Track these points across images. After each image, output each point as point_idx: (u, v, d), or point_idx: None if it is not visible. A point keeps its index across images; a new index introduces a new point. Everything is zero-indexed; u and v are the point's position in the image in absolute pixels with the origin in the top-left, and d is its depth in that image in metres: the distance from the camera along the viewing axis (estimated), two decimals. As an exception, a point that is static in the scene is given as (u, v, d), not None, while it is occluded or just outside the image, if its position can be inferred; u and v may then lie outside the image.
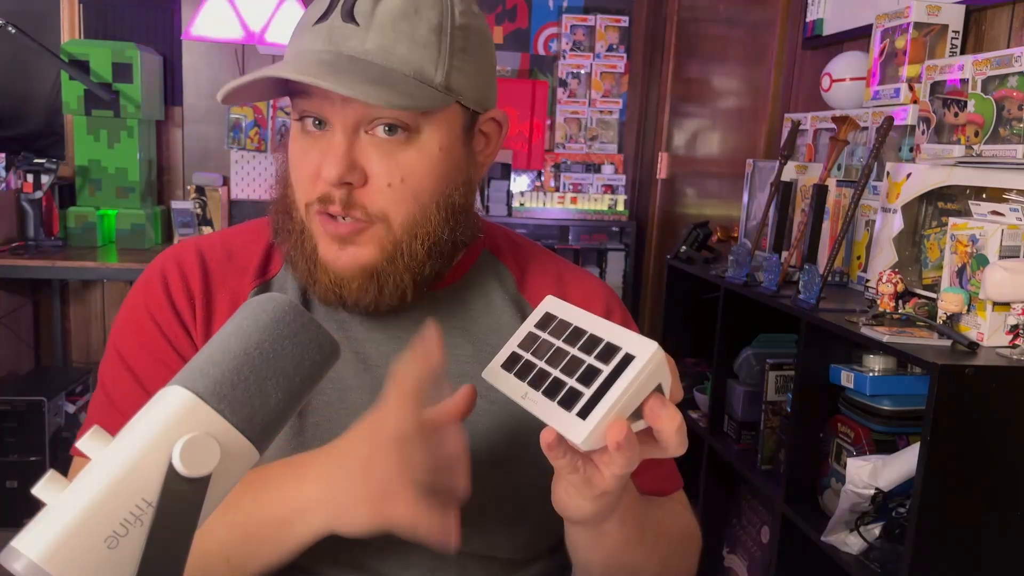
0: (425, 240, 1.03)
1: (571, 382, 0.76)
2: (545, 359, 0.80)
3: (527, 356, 0.83)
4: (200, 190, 4.06)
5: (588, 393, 0.74)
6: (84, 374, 3.96)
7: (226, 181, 4.21)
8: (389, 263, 1.02)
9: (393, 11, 0.97)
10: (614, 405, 0.72)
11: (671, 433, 0.75)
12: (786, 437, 2.10)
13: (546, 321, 0.85)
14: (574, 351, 0.78)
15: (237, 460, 0.63)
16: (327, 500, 0.87)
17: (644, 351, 0.73)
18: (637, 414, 0.75)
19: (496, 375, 0.85)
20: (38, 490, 0.59)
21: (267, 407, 0.63)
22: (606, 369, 0.74)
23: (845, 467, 1.73)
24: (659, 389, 0.75)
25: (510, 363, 0.84)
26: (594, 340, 0.77)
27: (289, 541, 0.90)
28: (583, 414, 0.73)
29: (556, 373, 0.78)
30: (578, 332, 0.80)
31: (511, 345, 0.86)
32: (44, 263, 3.35)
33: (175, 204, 4.00)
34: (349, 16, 0.97)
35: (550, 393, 0.77)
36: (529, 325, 0.86)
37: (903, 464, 1.65)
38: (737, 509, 2.65)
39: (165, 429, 0.60)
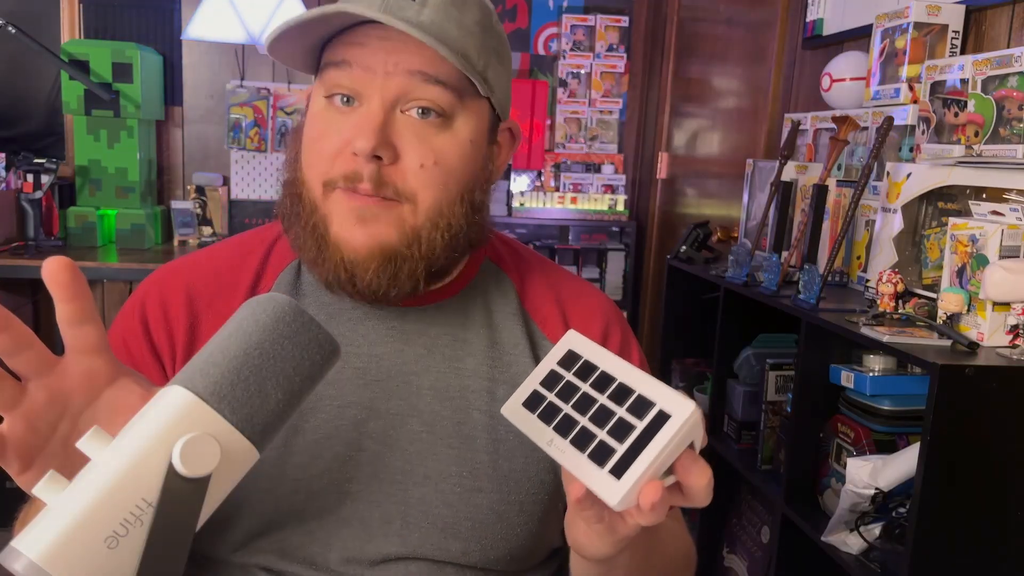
0: (445, 231, 1.02)
1: (601, 435, 0.74)
2: (571, 404, 0.78)
3: (550, 397, 0.80)
4: (200, 190, 4.06)
5: (621, 450, 0.72)
6: (84, 374, 3.95)
7: (226, 181, 4.21)
8: (407, 247, 1.00)
9: None
10: (650, 466, 0.70)
11: (701, 488, 0.74)
12: (786, 437, 2.10)
13: (569, 360, 0.81)
14: (603, 399, 0.76)
15: (237, 460, 0.63)
16: None
17: (682, 411, 0.71)
18: (668, 470, 0.73)
19: (517, 414, 0.82)
20: (38, 490, 0.59)
21: (267, 407, 0.63)
22: (640, 425, 0.72)
23: (845, 467, 1.73)
24: (690, 445, 0.73)
25: (532, 402, 0.81)
26: (624, 390, 0.75)
27: None
28: (617, 472, 0.71)
29: (584, 422, 0.76)
30: (606, 378, 0.77)
31: (532, 382, 0.82)
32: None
33: (175, 204, 4.00)
34: None
35: (579, 443, 0.75)
36: (551, 363, 0.82)
37: (903, 464, 1.65)
38: (737, 509, 2.65)
39: (165, 429, 0.60)
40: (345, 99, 0.99)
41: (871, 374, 1.81)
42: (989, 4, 2.00)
